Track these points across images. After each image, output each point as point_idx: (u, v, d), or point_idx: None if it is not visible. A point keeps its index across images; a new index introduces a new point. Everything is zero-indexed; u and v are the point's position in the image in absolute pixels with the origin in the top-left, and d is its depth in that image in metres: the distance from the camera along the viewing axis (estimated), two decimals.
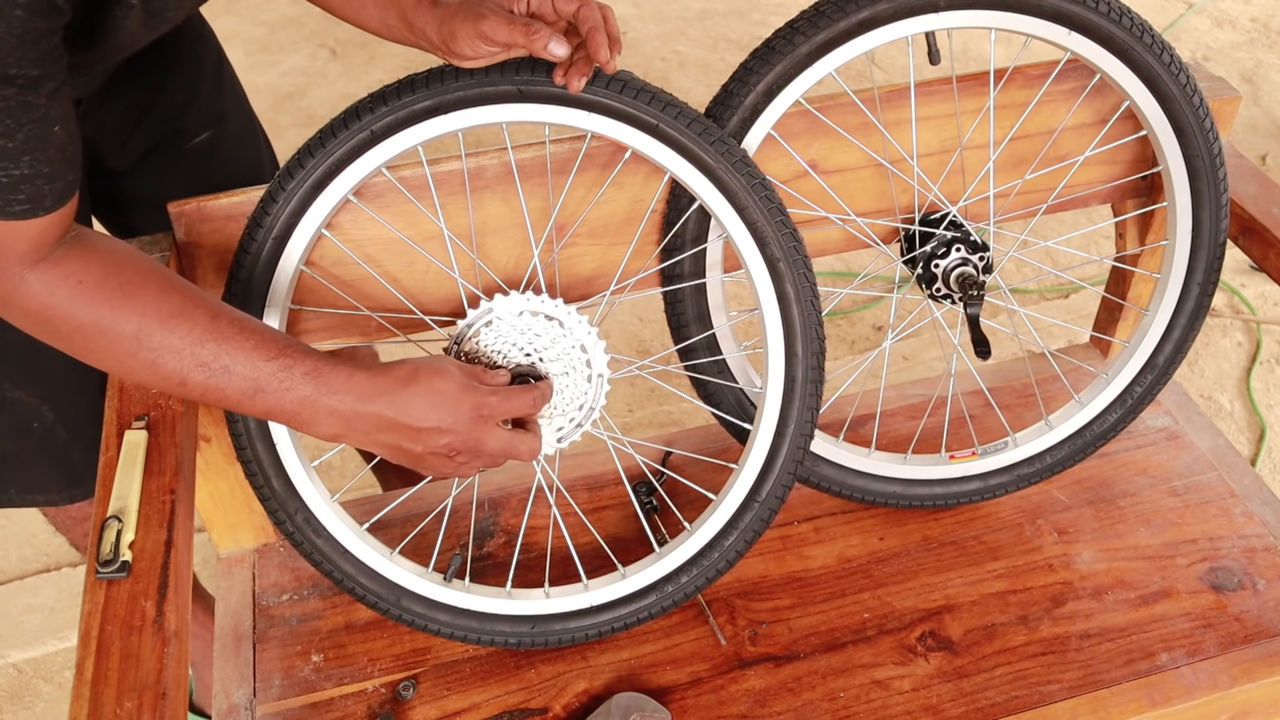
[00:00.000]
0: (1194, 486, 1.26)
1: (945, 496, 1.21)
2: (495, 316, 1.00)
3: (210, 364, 0.83)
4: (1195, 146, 1.10)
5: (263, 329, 0.86)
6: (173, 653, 0.79)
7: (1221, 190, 1.13)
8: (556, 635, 1.10)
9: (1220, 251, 1.15)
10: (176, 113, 1.19)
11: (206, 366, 0.83)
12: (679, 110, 0.98)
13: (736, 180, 1.00)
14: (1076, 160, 1.17)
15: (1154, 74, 1.06)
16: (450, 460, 0.90)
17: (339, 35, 3.27)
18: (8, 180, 0.73)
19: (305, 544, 1.06)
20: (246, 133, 1.31)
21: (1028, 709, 1.06)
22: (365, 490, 1.93)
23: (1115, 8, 1.03)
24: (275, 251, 0.99)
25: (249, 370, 0.84)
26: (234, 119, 1.27)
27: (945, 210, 1.14)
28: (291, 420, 0.87)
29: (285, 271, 1.00)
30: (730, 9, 3.38)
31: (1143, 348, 1.20)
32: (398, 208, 1.04)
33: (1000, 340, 2.17)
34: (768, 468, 1.08)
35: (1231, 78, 2.99)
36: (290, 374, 0.85)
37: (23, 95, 0.70)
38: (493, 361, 1.01)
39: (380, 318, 1.08)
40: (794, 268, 1.03)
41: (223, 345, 0.83)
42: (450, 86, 0.95)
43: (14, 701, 1.75)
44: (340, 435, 0.88)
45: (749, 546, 1.10)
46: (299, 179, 0.97)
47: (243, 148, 1.29)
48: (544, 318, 1.01)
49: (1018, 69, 1.11)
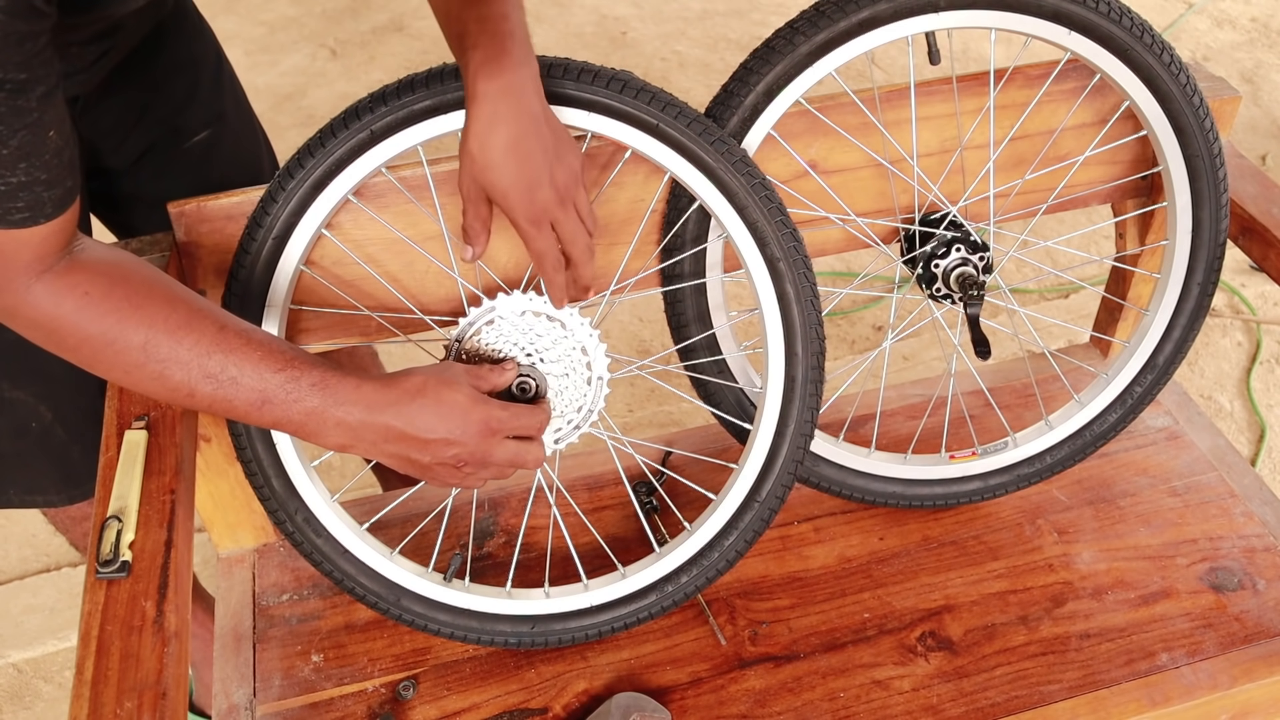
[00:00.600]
0: (1194, 486, 1.26)
1: (945, 496, 1.21)
2: (497, 315, 1.00)
3: (218, 375, 0.83)
4: (1195, 146, 1.10)
5: (269, 340, 0.86)
6: (173, 653, 0.79)
7: (1222, 190, 1.13)
8: (556, 635, 1.10)
9: (1220, 251, 1.15)
10: (175, 111, 1.19)
11: (214, 378, 0.83)
12: (679, 110, 0.98)
13: (737, 180, 1.00)
14: (1076, 160, 1.17)
15: (1154, 74, 1.06)
16: (457, 471, 0.91)
17: (339, 35, 3.27)
18: (5, 189, 0.72)
19: (305, 544, 1.06)
20: (246, 132, 1.31)
21: (1028, 709, 1.06)
22: (365, 490, 1.93)
23: (1115, 7, 1.03)
24: (275, 251, 0.99)
25: (256, 382, 0.84)
26: (233, 118, 1.27)
27: (945, 210, 1.14)
28: (299, 431, 0.87)
29: (285, 271, 1.00)
30: (730, 9, 3.38)
31: (1143, 348, 1.19)
32: (397, 208, 1.04)
33: (1000, 340, 2.17)
34: (768, 468, 1.08)
35: (1231, 78, 2.99)
36: (298, 385, 0.84)
37: (12, 100, 0.70)
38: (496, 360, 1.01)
39: (380, 318, 1.08)
40: (794, 267, 1.03)
41: (230, 356, 0.83)
42: (450, 87, 0.95)
43: (14, 701, 1.75)
44: (348, 446, 0.88)
45: (749, 546, 1.10)
46: (299, 179, 0.97)
47: (242, 147, 1.29)
48: (546, 318, 1.01)
49: (1018, 69, 1.11)
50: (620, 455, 1.23)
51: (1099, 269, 2.43)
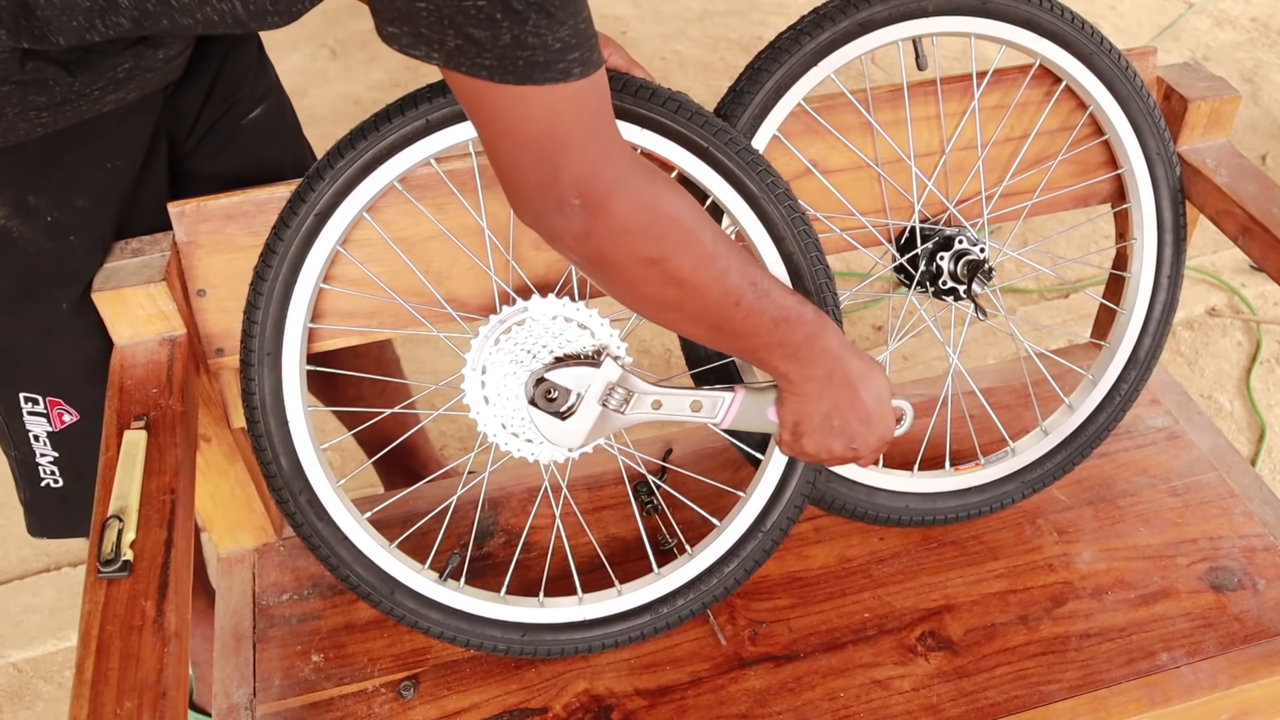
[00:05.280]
0: (1194, 486, 1.26)
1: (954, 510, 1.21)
2: (529, 317, 1.00)
3: (758, 284, 0.85)
4: (1153, 147, 1.16)
5: None
6: (173, 653, 0.79)
7: (1178, 188, 1.20)
8: (546, 646, 1.09)
9: (1182, 246, 1.21)
10: (235, 87, 1.15)
11: (755, 287, 0.86)
12: (729, 136, 0.99)
13: (778, 211, 1.01)
14: (1050, 165, 1.20)
15: (1113, 77, 1.13)
16: (845, 447, 0.97)
17: (339, 35, 3.27)
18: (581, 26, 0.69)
19: (305, 526, 1.05)
20: (288, 109, 1.28)
21: (1028, 709, 1.06)
22: (365, 490, 1.93)
23: (1076, 17, 1.11)
24: (316, 227, 1.00)
25: (780, 298, 0.87)
26: (281, 95, 1.25)
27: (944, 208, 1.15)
28: (796, 352, 0.91)
29: (323, 249, 1.00)
30: (730, 9, 3.38)
31: (1123, 346, 1.22)
32: (433, 200, 1.04)
33: (1000, 340, 2.17)
34: (776, 498, 1.08)
35: (1231, 78, 2.99)
36: (805, 309, 0.89)
37: None
38: None
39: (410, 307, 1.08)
40: (823, 304, 1.05)
41: (762, 271, 0.87)
42: None
43: (14, 701, 1.75)
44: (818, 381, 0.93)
45: (748, 575, 1.10)
46: (349, 159, 0.98)
47: (288, 125, 1.27)
48: (577, 325, 1.00)
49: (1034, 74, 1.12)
50: (621, 454, 1.23)
51: (1099, 269, 2.43)
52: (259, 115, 1.18)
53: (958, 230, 1.14)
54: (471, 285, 1.09)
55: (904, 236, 1.17)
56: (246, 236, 1.04)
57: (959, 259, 1.13)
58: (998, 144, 1.17)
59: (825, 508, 1.17)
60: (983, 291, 1.13)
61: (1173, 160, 1.19)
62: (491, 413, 1.03)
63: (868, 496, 1.17)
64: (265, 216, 1.03)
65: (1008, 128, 1.17)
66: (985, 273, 1.12)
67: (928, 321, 1.19)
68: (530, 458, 1.04)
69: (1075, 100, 1.17)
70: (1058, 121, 1.18)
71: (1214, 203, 1.18)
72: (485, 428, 1.03)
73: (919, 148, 1.15)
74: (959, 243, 1.13)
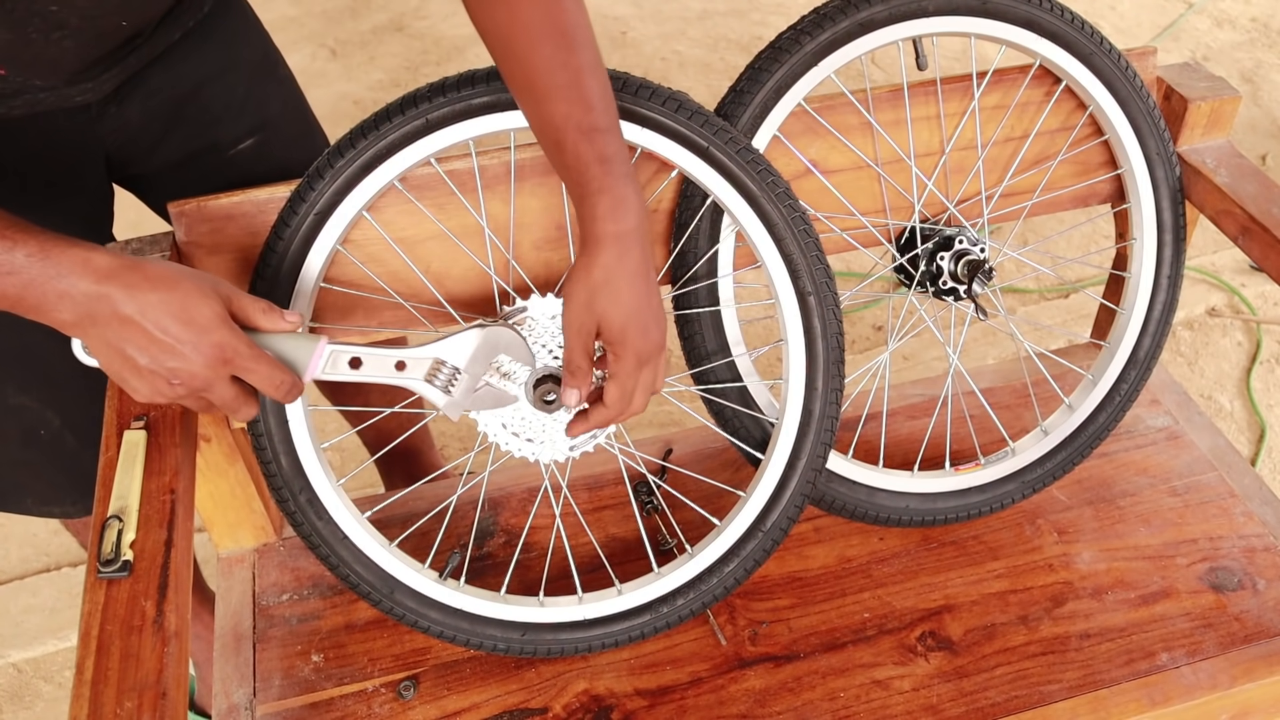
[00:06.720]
0: (1194, 486, 1.26)
1: (954, 510, 1.21)
2: (529, 317, 1.00)
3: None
4: (1153, 146, 1.16)
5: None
6: (173, 653, 0.79)
7: (1178, 188, 1.19)
8: (546, 645, 1.09)
9: (1182, 246, 1.21)
10: (213, 121, 1.15)
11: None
12: (730, 136, 0.99)
13: (778, 211, 1.01)
14: (1050, 165, 1.20)
15: (1113, 77, 1.13)
16: (168, 387, 0.81)
17: (339, 35, 3.27)
18: None
19: (305, 525, 1.05)
20: (301, 134, 1.26)
21: (1028, 709, 1.06)
22: (366, 490, 1.93)
23: (1077, 17, 1.11)
24: (315, 227, 1.00)
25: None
26: (285, 122, 1.23)
27: (944, 208, 1.15)
28: (17, 306, 0.78)
29: (322, 248, 1.00)
30: (730, 9, 3.38)
31: (1123, 346, 1.22)
32: (433, 199, 1.04)
33: (1000, 340, 2.17)
34: (776, 498, 1.08)
35: (1231, 78, 2.99)
36: (11, 256, 0.75)
37: None
38: None
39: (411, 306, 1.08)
40: (824, 303, 1.04)
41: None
42: None
43: (14, 701, 1.75)
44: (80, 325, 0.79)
45: (749, 575, 1.10)
46: (349, 158, 0.98)
47: (294, 150, 1.23)
48: None
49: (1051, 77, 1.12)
50: (621, 454, 1.23)
51: (1100, 269, 2.43)
52: (251, 146, 1.18)
53: (958, 230, 1.14)
54: (471, 285, 1.09)
55: (904, 236, 1.17)
56: (246, 236, 1.04)
57: (959, 259, 1.13)
58: (998, 144, 1.17)
59: (825, 508, 1.17)
60: (983, 291, 1.13)
61: (1173, 160, 1.19)
62: (491, 412, 1.03)
63: (868, 496, 1.18)
64: (265, 216, 1.03)
65: (1008, 128, 1.17)
66: (985, 273, 1.12)
67: (928, 321, 1.20)
68: (530, 457, 1.04)
69: (1075, 100, 1.17)
70: (1058, 121, 1.18)
71: (1214, 203, 1.18)
72: (485, 427, 1.03)
73: (919, 148, 1.15)
74: (959, 243, 1.13)
